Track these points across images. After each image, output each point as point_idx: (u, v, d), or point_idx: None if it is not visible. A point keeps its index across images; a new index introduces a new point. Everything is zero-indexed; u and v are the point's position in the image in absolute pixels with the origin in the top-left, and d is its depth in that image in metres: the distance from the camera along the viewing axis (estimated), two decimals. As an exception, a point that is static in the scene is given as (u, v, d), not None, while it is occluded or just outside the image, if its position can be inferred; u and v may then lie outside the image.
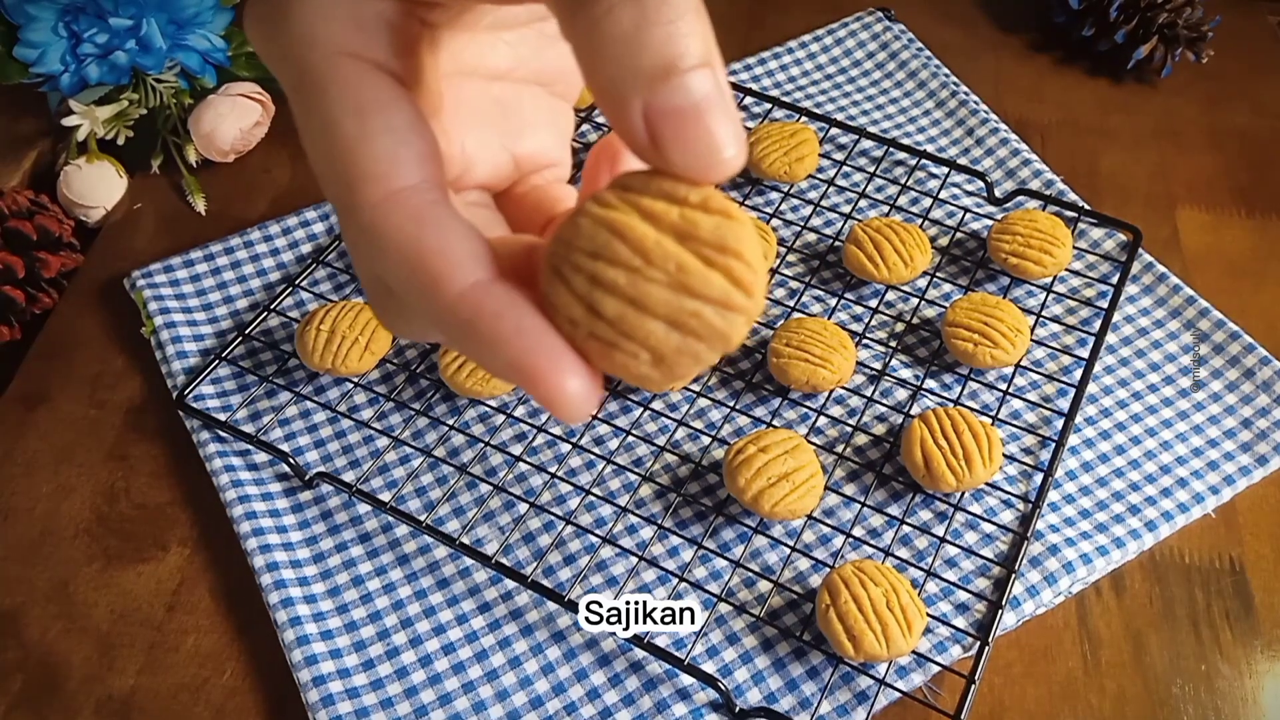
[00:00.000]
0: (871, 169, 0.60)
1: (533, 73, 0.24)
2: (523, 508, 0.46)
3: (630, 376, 0.18)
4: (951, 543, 0.45)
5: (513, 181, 0.25)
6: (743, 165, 0.17)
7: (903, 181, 0.59)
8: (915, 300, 0.54)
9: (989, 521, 0.45)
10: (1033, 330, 0.51)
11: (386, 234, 0.18)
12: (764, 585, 0.44)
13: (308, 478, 0.46)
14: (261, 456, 0.48)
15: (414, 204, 0.18)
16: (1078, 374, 0.51)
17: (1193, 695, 0.42)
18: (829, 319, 0.52)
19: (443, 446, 0.48)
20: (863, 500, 0.46)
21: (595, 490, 0.47)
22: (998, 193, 0.58)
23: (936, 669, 0.42)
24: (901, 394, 0.50)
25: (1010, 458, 0.48)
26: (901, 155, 0.60)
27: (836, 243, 0.56)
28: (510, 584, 0.44)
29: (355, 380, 0.50)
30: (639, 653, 0.42)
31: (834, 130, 0.61)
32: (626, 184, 0.18)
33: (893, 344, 0.52)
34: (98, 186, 0.57)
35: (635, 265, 0.17)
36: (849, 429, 0.49)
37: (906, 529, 0.46)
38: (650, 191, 0.17)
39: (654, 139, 0.17)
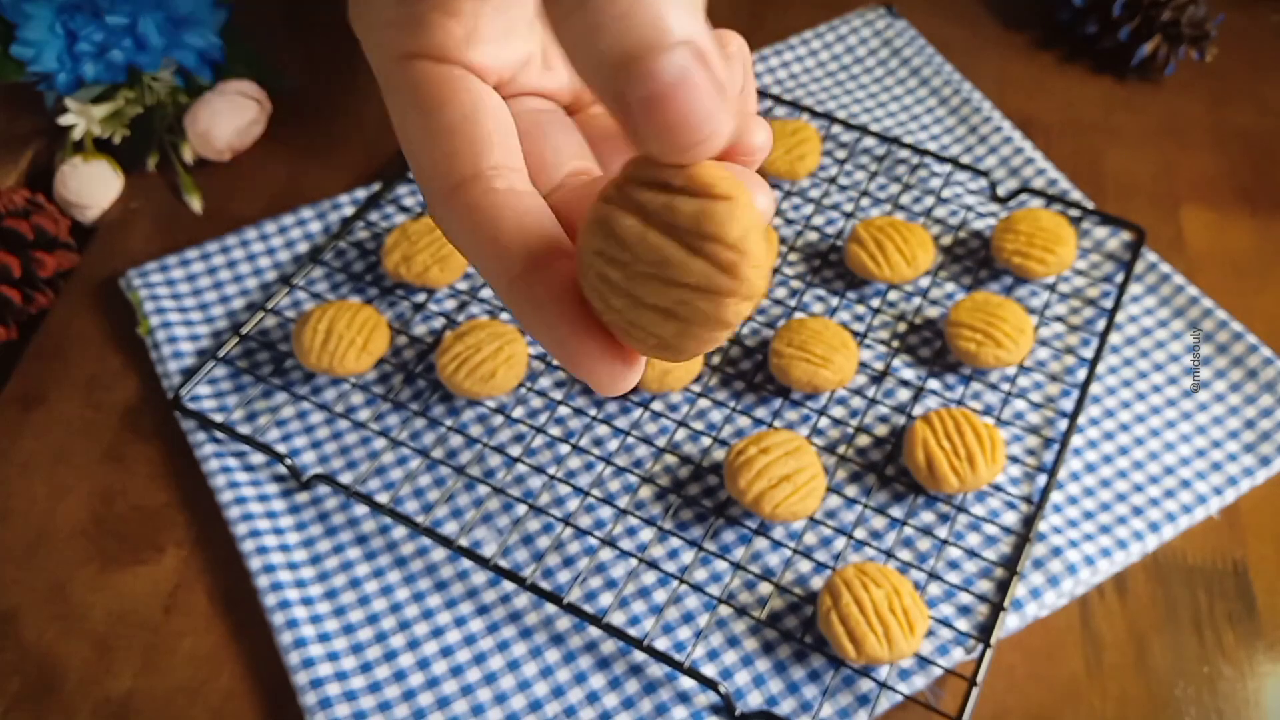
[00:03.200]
0: (874, 167, 0.59)
1: None
2: (521, 509, 0.46)
3: (650, 354, 0.19)
4: (954, 544, 0.44)
5: (575, 101, 0.26)
6: (726, 138, 0.17)
7: (905, 180, 0.58)
8: (918, 300, 0.53)
9: (992, 523, 0.45)
10: (1036, 330, 0.51)
11: (451, 223, 0.20)
12: (765, 587, 0.44)
13: (305, 479, 0.46)
14: (258, 458, 0.47)
15: (470, 195, 0.20)
16: (1081, 374, 0.50)
17: (1195, 697, 0.42)
18: (831, 319, 0.51)
19: (441, 448, 0.48)
20: (865, 502, 0.46)
21: (595, 492, 0.46)
22: (1001, 191, 0.58)
23: (939, 671, 0.41)
24: (904, 394, 0.50)
25: (1013, 459, 0.47)
26: (904, 153, 0.60)
27: (838, 242, 0.56)
28: (509, 586, 0.44)
29: (352, 381, 0.49)
30: (639, 656, 0.42)
31: (836, 128, 0.61)
32: (628, 174, 0.18)
33: (895, 344, 0.52)
34: (94, 185, 0.56)
35: (625, 260, 0.18)
36: (851, 430, 0.48)
37: (909, 531, 0.45)
38: (643, 179, 0.18)
39: (630, 126, 0.16)
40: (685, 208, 0.17)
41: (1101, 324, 0.52)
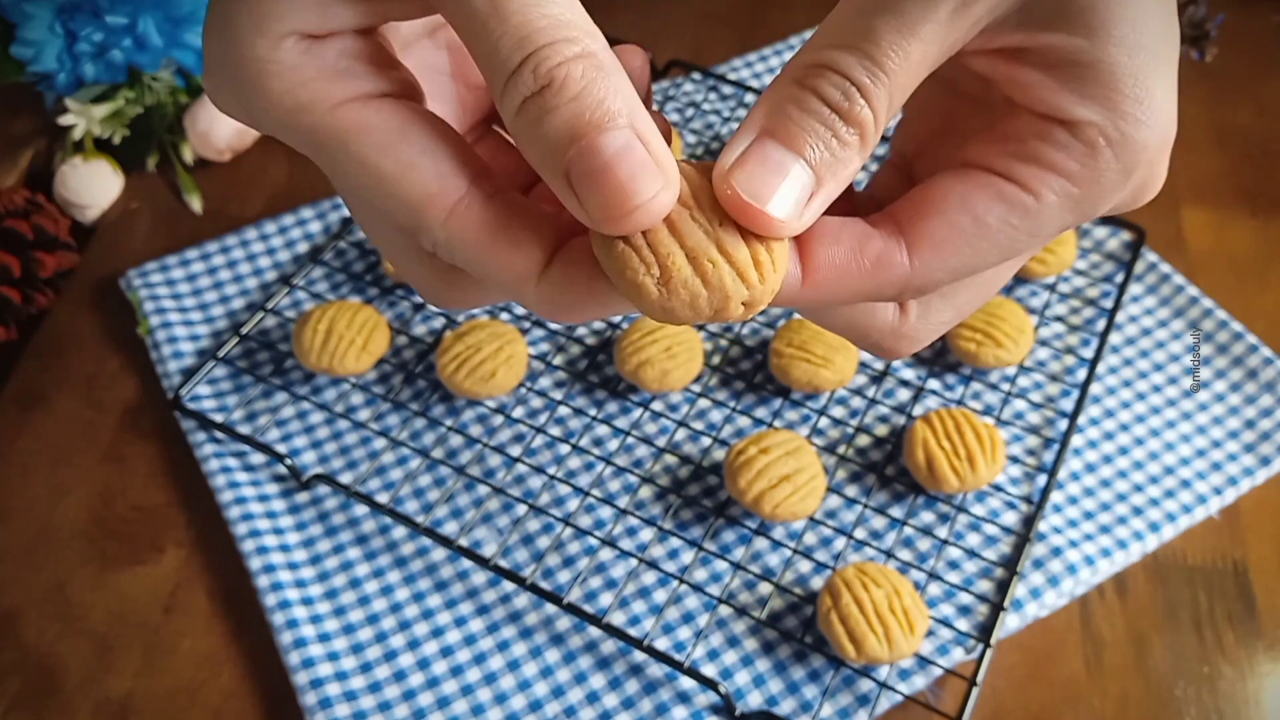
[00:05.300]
0: (874, 167, 0.59)
1: None
2: (521, 509, 0.46)
3: (633, 287, 0.19)
4: (954, 544, 0.44)
5: (483, 111, 0.26)
6: (665, 206, 0.19)
7: (904, 180, 0.58)
8: (917, 300, 0.53)
9: (992, 523, 0.45)
10: (1036, 330, 0.51)
11: (463, 242, 0.20)
12: (765, 587, 0.44)
13: (305, 479, 0.46)
14: (258, 458, 0.47)
15: (477, 214, 0.20)
16: (1081, 374, 0.50)
17: (1195, 697, 0.42)
18: (830, 319, 0.51)
19: (441, 448, 0.48)
20: (865, 502, 0.46)
21: (595, 492, 0.46)
22: (1000, 191, 0.58)
23: (939, 671, 0.41)
24: (904, 394, 0.50)
25: (1013, 459, 0.47)
26: (903, 153, 0.60)
27: (838, 242, 0.55)
28: (509, 586, 0.44)
29: (352, 381, 0.49)
30: (639, 656, 0.42)
31: (835, 128, 0.61)
32: (703, 163, 0.20)
33: (894, 344, 0.52)
34: (94, 185, 0.56)
35: (688, 203, 0.19)
36: (851, 430, 0.48)
37: (909, 531, 0.45)
38: (705, 169, 0.20)
39: (580, 200, 0.18)
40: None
41: (1101, 324, 0.52)
